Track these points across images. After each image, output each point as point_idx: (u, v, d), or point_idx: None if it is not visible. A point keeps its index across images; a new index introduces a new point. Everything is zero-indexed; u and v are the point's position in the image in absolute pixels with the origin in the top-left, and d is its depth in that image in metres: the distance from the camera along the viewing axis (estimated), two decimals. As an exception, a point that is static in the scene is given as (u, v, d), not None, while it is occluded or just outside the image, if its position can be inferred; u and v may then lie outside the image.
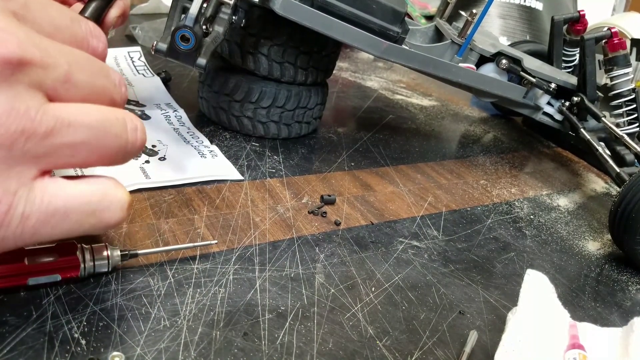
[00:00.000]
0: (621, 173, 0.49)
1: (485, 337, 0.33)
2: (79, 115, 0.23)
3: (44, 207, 0.23)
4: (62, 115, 0.22)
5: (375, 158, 0.55)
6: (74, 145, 0.23)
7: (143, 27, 0.77)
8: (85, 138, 0.23)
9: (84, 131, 0.23)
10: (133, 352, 0.26)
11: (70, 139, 0.22)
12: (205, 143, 0.48)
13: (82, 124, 0.23)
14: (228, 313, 0.30)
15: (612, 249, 0.48)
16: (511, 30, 1.03)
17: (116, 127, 0.24)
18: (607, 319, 0.37)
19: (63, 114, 0.22)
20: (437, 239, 0.42)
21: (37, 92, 0.22)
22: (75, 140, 0.23)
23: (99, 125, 0.23)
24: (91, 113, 0.23)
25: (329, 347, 0.29)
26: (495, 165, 0.62)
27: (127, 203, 0.26)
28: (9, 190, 0.21)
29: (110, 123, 0.24)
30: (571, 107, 0.61)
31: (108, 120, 0.24)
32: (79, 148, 0.23)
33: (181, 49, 0.38)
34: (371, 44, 0.47)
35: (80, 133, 0.23)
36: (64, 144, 0.22)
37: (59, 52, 0.23)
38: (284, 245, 0.37)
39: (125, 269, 0.31)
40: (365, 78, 0.87)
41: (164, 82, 0.60)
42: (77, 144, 0.23)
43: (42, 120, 0.21)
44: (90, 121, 0.23)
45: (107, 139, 0.24)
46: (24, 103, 0.21)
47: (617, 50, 0.57)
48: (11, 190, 0.21)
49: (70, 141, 0.23)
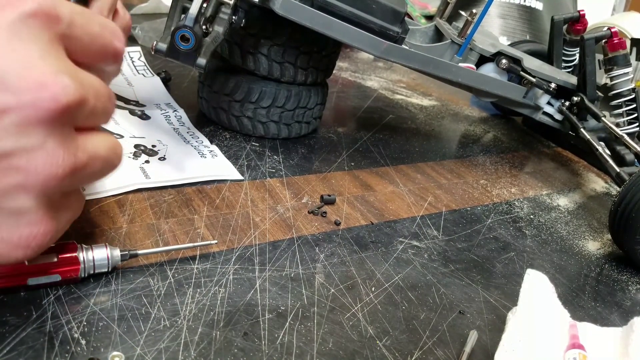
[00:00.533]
0: (621, 173, 0.49)
1: (485, 337, 0.33)
2: (98, 148, 0.25)
3: (63, 224, 0.26)
4: (90, 150, 0.24)
5: (375, 158, 0.55)
6: (91, 175, 0.25)
7: (143, 27, 0.77)
8: (100, 169, 0.25)
9: (100, 163, 0.25)
10: (133, 352, 0.26)
11: (92, 171, 0.25)
12: (205, 143, 0.48)
13: (100, 157, 0.25)
14: (228, 313, 0.30)
15: (612, 249, 0.48)
16: (511, 30, 1.03)
17: (114, 155, 0.27)
18: (607, 319, 0.37)
19: (90, 148, 0.24)
20: (437, 239, 0.42)
21: (72, 127, 0.23)
22: (94, 172, 0.25)
23: (108, 156, 0.26)
24: (103, 143, 0.26)
25: (329, 347, 0.29)
26: (495, 165, 0.62)
27: (122, 153, 0.28)
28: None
29: (113, 152, 0.26)
30: (571, 106, 0.61)
31: (113, 149, 0.26)
32: (93, 176, 0.26)
33: (181, 49, 0.38)
34: (371, 44, 0.47)
35: (98, 165, 0.25)
36: (88, 174, 0.25)
37: (89, 85, 0.24)
38: (284, 245, 0.37)
39: (125, 269, 0.31)
40: (365, 78, 0.87)
41: (164, 82, 0.60)
42: (94, 174, 0.25)
43: (80, 158, 0.23)
44: (103, 153, 0.25)
45: (108, 167, 0.26)
46: (70, 144, 0.23)
47: (617, 50, 0.57)
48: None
49: (91, 172, 0.25)
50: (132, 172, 0.40)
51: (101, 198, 0.37)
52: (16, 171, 0.21)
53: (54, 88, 0.21)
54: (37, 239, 0.23)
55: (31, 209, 0.23)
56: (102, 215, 0.35)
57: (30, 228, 0.23)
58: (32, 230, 0.23)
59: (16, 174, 0.21)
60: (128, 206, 0.37)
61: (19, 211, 0.22)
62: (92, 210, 0.36)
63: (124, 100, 0.54)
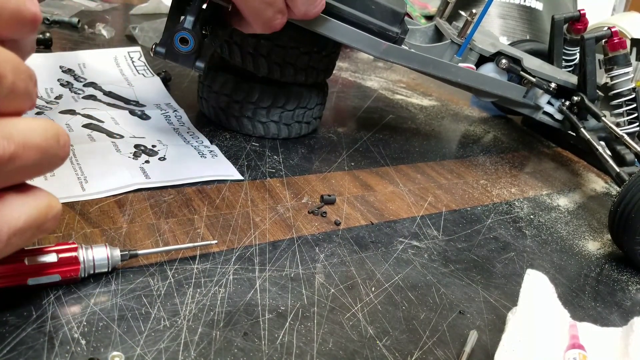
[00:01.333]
0: (621, 173, 0.49)
1: (485, 337, 0.33)
2: (30, 134, 0.21)
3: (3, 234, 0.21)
4: (17, 136, 0.20)
5: (375, 158, 0.55)
6: (25, 167, 0.21)
7: (143, 28, 0.77)
8: (37, 159, 0.21)
9: (34, 153, 0.21)
10: (133, 352, 0.26)
11: (24, 162, 0.20)
12: (205, 143, 0.48)
13: (34, 146, 0.21)
14: (228, 313, 0.30)
15: (612, 249, 0.48)
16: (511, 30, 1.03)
17: (55, 143, 0.22)
18: (607, 319, 0.37)
19: (17, 135, 0.20)
20: (437, 239, 0.42)
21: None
22: (27, 163, 0.21)
23: (45, 144, 0.21)
24: (37, 130, 0.21)
25: (329, 347, 0.29)
26: (495, 165, 0.62)
27: (60, 212, 0.24)
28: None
29: (54, 139, 0.22)
30: (571, 106, 0.61)
31: (53, 137, 0.22)
32: (31, 169, 0.21)
33: (180, 52, 0.38)
34: (371, 44, 0.47)
35: (32, 155, 0.21)
36: (19, 168, 0.20)
37: (4, 59, 0.20)
38: (284, 245, 0.37)
39: (125, 269, 0.31)
40: (365, 78, 0.87)
41: (164, 82, 0.60)
42: (30, 166, 0.21)
43: (5, 148, 0.19)
44: (37, 141, 0.21)
45: (49, 157, 0.22)
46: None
47: (617, 49, 0.57)
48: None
49: (23, 164, 0.20)
50: (132, 172, 0.40)
51: (101, 198, 0.37)
52: None
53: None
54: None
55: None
56: (102, 215, 0.35)
57: None
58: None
59: None
60: (128, 206, 0.37)
61: None
62: (92, 210, 0.36)
63: (124, 100, 0.54)
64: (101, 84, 0.56)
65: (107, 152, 0.42)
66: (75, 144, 0.42)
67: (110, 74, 0.59)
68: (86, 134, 0.44)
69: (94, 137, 0.44)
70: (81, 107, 0.49)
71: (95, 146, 0.43)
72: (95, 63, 0.60)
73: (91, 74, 0.58)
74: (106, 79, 0.58)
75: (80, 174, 0.39)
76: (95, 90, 0.54)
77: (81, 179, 0.38)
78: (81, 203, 0.36)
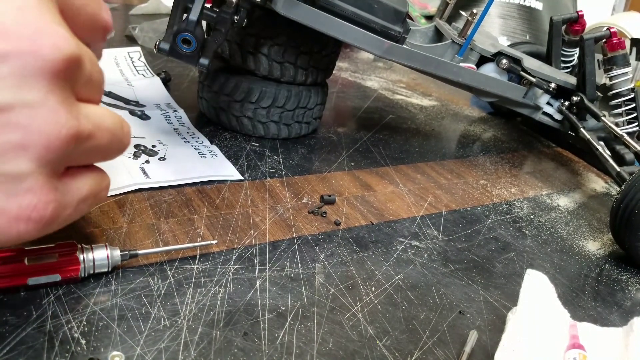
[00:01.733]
0: (621, 172, 0.49)
1: (485, 337, 0.33)
2: (103, 119, 0.24)
3: (73, 201, 0.24)
4: (94, 119, 0.23)
5: (375, 158, 0.55)
6: (100, 148, 0.24)
7: (143, 28, 0.77)
8: (108, 142, 0.24)
9: (106, 135, 0.24)
10: (133, 352, 0.26)
11: (99, 142, 0.23)
12: (205, 143, 0.48)
13: (106, 129, 0.24)
14: (228, 313, 0.30)
15: (612, 249, 0.48)
16: (511, 30, 1.03)
17: (121, 130, 0.25)
18: (607, 319, 0.37)
19: (94, 117, 0.23)
20: (437, 239, 0.42)
21: (72, 91, 0.22)
22: (101, 144, 0.24)
23: (115, 129, 0.24)
24: (108, 116, 0.24)
25: (329, 347, 0.29)
26: (495, 165, 0.62)
27: (109, 183, 0.28)
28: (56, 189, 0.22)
29: (120, 126, 0.25)
30: (571, 106, 0.61)
31: (119, 124, 0.25)
32: (101, 150, 0.24)
33: (183, 52, 0.38)
34: (373, 43, 0.47)
35: (105, 137, 0.24)
36: (95, 146, 0.23)
37: (84, 49, 0.22)
38: (284, 245, 0.37)
39: (125, 269, 0.31)
40: (365, 78, 0.87)
41: (164, 82, 0.60)
42: (102, 147, 0.24)
43: (84, 125, 0.22)
44: (108, 125, 0.24)
45: (117, 142, 0.25)
46: (72, 107, 0.21)
47: (616, 50, 0.57)
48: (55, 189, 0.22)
49: (98, 144, 0.23)
50: (132, 172, 0.40)
51: (101, 198, 0.37)
52: (15, 128, 0.19)
53: (55, 37, 0.20)
54: (38, 210, 0.21)
55: (31, 173, 0.20)
56: (102, 215, 0.35)
57: (29, 196, 0.21)
58: (31, 199, 0.21)
59: (15, 131, 0.20)
60: (128, 206, 0.37)
61: (17, 176, 0.20)
62: (92, 210, 0.36)
63: (124, 100, 0.54)
64: (101, 84, 0.56)
65: (107, 152, 0.42)
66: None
67: (110, 74, 0.59)
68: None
69: (93, 137, 0.44)
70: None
71: (95, 146, 0.43)
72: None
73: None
74: (106, 79, 0.58)
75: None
76: (95, 90, 0.54)
77: (81, 179, 0.38)
78: (81, 203, 0.36)
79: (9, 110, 0.19)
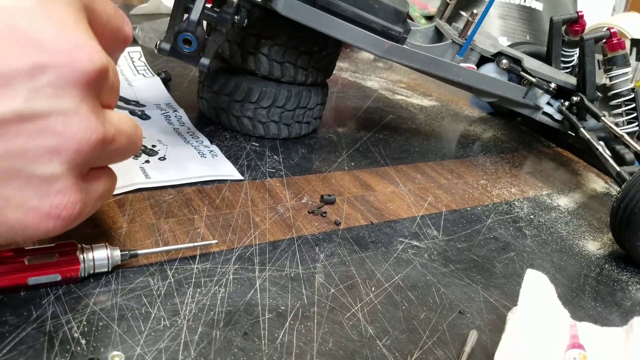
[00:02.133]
0: (621, 172, 0.49)
1: (485, 337, 0.33)
2: (123, 124, 0.25)
3: (93, 199, 0.26)
4: (116, 123, 0.25)
5: (375, 158, 0.55)
6: (119, 150, 0.26)
7: (143, 28, 0.77)
8: (126, 144, 0.26)
9: (125, 138, 0.26)
10: (133, 352, 0.26)
11: (119, 145, 0.25)
12: (205, 143, 0.48)
13: (125, 133, 0.26)
14: (228, 313, 0.30)
15: (612, 249, 0.48)
16: (511, 31, 1.03)
17: (135, 133, 0.27)
18: (607, 319, 0.37)
19: (116, 122, 0.25)
20: (437, 239, 0.42)
21: (98, 100, 0.24)
22: (120, 147, 0.25)
23: (131, 133, 0.26)
24: (125, 121, 0.26)
25: (329, 347, 0.29)
26: (495, 165, 0.62)
27: (116, 182, 0.29)
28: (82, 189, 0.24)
29: (135, 130, 0.27)
30: (571, 106, 0.61)
31: (134, 127, 0.27)
32: (121, 152, 0.26)
33: (184, 52, 0.38)
34: (373, 43, 0.47)
35: (124, 140, 0.26)
36: (116, 149, 0.25)
37: (109, 59, 0.24)
38: (284, 245, 0.37)
39: (125, 269, 0.31)
40: (365, 78, 0.87)
41: (164, 82, 0.60)
42: (121, 149, 0.26)
43: (109, 129, 0.24)
44: (127, 129, 0.26)
45: (133, 145, 0.27)
46: (100, 114, 0.23)
47: (616, 50, 0.57)
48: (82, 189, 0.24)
49: (118, 147, 0.25)
50: (132, 172, 0.40)
51: (101, 198, 0.37)
52: (51, 134, 0.21)
53: (89, 51, 0.22)
54: (67, 209, 0.23)
55: (62, 176, 0.22)
56: (102, 215, 0.35)
57: (60, 196, 0.23)
58: (62, 199, 0.23)
59: (51, 137, 0.21)
60: (128, 206, 0.37)
61: (50, 178, 0.22)
62: (92, 210, 0.36)
63: (124, 100, 0.54)
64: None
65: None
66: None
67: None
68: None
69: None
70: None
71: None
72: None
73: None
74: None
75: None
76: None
77: (81, 178, 0.38)
78: (81, 203, 0.36)
79: (46, 118, 0.21)
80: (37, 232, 0.23)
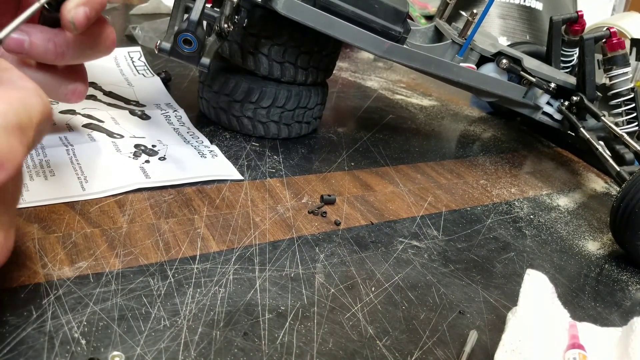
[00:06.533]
0: (621, 172, 0.49)
1: (485, 337, 0.33)
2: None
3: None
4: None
5: (375, 158, 0.55)
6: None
7: (143, 27, 0.77)
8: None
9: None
10: (133, 352, 0.26)
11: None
12: (205, 143, 0.48)
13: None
14: (228, 313, 0.30)
15: (612, 249, 0.48)
16: (511, 31, 1.03)
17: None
18: (607, 319, 0.37)
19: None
20: (437, 239, 0.42)
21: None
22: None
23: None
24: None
25: (329, 347, 0.29)
26: (495, 165, 0.62)
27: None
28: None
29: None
30: (570, 106, 0.61)
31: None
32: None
33: (184, 52, 0.38)
34: (373, 43, 0.47)
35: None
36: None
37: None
38: (284, 245, 0.37)
39: (125, 269, 0.31)
40: (365, 78, 0.87)
41: (164, 82, 0.60)
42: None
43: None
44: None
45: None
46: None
47: (616, 50, 0.57)
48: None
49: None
50: (132, 172, 0.40)
51: (101, 198, 0.37)
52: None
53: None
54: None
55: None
56: (102, 215, 0.35)
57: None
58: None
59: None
60: (128, 206, 0.37)
61: None
62: (92, 210, 0.36)
63: (124, 100, 0.54)
64: (101, 84, 0.56)
65: (107, 152, 0.42)
66: (75, 144, 0.42)
67: (110, 74, 0.59)
68: (86, 134, 0.44)
69: (94, 137, 0.44)
70: (81, 107, 0.49)
71: (95, 146, 0.43)
72: (95, 63, 0.60)
73: (91, 74, 0.58)
74: (106, 79, 0.58)
75: (80, 173, 0.39)
76: (95, 90, 0.54)
77: (81, 179, 0.38)
78: (81, 203, 0.36)
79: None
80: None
